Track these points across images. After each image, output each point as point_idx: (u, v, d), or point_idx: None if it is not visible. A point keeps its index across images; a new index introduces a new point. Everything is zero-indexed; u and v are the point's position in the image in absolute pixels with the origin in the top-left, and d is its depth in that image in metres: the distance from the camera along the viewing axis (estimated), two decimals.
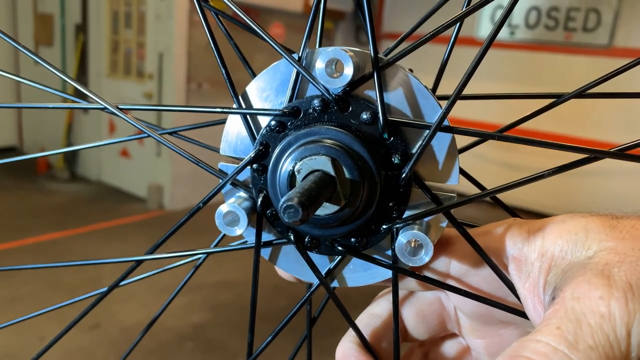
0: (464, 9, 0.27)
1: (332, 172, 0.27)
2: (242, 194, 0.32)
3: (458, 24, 0.29)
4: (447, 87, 0.30)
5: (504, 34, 5.12)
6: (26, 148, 5.46)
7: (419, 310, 0.35)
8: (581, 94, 0.32)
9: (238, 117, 0.31)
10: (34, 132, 5.31)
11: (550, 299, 0.25)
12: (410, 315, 0.35)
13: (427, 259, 0.28)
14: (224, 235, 0.39)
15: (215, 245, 0.38)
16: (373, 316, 0.34)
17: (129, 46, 4.38)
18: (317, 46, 0.31)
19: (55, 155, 4.60)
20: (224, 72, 0.30)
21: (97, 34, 4.52)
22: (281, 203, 0.23)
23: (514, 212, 0.35)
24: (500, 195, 0.34)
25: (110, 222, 3.96)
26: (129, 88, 4.39)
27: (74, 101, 0.36)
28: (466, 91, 0.30)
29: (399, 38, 0.37)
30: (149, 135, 0.33)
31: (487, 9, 5.16)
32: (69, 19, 4.73)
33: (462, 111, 3.93)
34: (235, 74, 0.30)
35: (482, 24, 5.16)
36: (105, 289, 0.37)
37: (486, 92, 0.36)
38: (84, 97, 0.34)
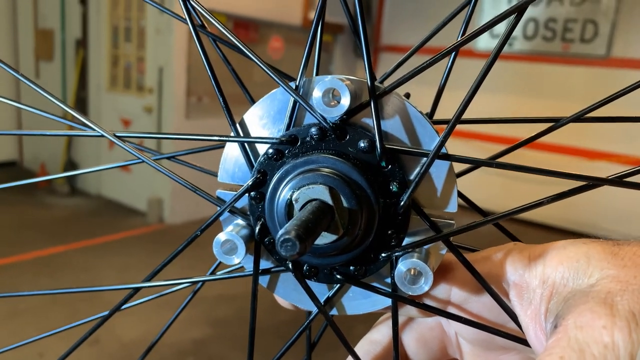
0: (459, 39, 0.27)
1: (330, 202, 0.27)
2: (240, 221, 0.32)
3: (453, 53, 0.29)
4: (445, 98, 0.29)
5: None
6: (26, 162, 5.47)
7: (420, 335, 0.34)
8: (579, 117, 0.32)
9: (236, 145, 0.31)
10: (34, 147, 5.32)
11: (552, 327, 0.25)
12: (411, 341, 0.34)
13: (426, 288, 0.28)
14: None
15: (213, 271, 0.38)
16: (373, 343, 0.34)
17: (128, 60, 4.41)
18: (314, 74, 0.31)
19: (55, 170, 4.58)
20: (221, 100, 0.30)
21: (97, 48, 4.54)
22: (278, 236, 0.23)
23: (515, 237, 0.35)
24: (503, 206, 0.34)
25: (111, 236, 3.95)
26: (128, 102, 4.40)
27: (72, 127, 0.36)
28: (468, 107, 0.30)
29: (395, 64, 0.37)
30: (145, 162, 0.33)
31: (485, 21, 5.18)
32: (69, 34, 4.76)
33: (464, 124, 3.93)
34: (233, 87, 0.30)
35: (481, 37, 5.19)
36: (106, 312, 0.37)
37: (484, 103, 0.36)
38: (84, 113, 0.34)
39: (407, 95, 0.33)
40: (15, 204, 4.39)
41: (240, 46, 0.30)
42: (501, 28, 5.14)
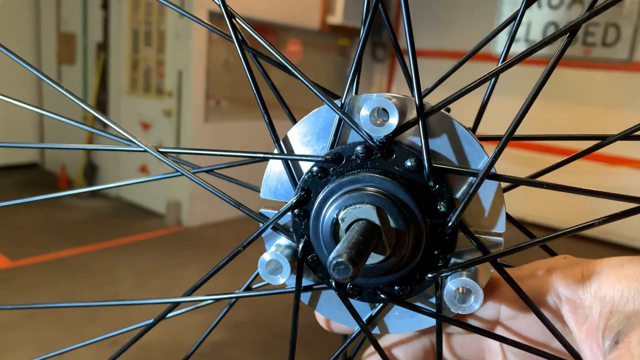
0: (499, 65, 0.27)
1: (377, 222, 0.27)
2: (281, 241, 0.32)
3: (493, 79, 0.29)
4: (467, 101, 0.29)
5: (521, 49, 5.10)
6: (47, 164, 5.55)
7: (460, 345, 0.34)
8: (628, 135, 0.31)
9: (278, 162, 0.31)
10: (55, 149, 5.40)
11: (613, 343, 0.26)
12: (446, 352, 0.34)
13: (477, 307, 0.28)
14: (257, 274, 0.39)
15: (249, 285, 0.37)
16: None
17: (148, 64, 4.46)
18: (353, 91, 0.31)
19: (75, 172, 4.64)
20: (266, 119, 0.30)
21: (118, 52, 4.61)
22: (330, 260, 0.23)
23: (555, 253, 0.34)
24: (546, 212, 0.33)
25: (129, 238, 4.00)
26: (148, 105, 4.45)
27: (114, 141, 0.36)
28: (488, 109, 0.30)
29: (438, 79, 0.37)
30: (185, 175, 0.33)
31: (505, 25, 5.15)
32: (90, 38, 4.83)
33: (482, 127, 3.91)
34: (250, 92, 0.30)
35: (499, 40, 5.14)
36: (150, 321, 0.37)
37: (503, 107, 0.35)
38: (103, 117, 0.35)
39: (448, 110, 0.33)
40: (36, 206, 4.46)
41: (285, 63, 0.30)
42: (521, 33, 5.09)
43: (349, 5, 4.98)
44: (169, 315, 0.36)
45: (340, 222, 0.27)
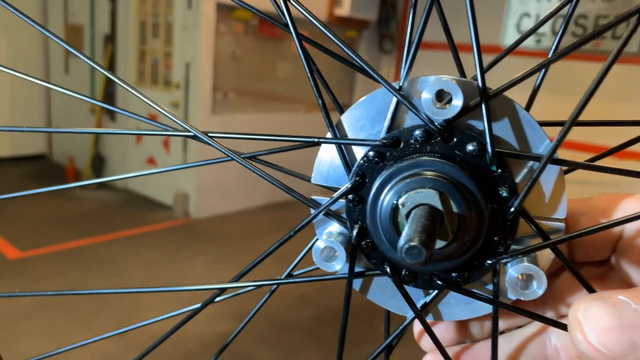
0: (550, 56, 0.27)
1: (440, 206, 0.26)
2: (333, 227, 0.31)
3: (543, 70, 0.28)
4: None
5: (530, 42, 5.06)
6: (55, 156, 5.57)
7: (515, 349, 0.33)
8: None
9: (330, 146, 0.31)
10: (63, 141, 5.42)
11: None
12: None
13: (541, 292, 0.27)
14: (300, 260, 0.38)
15: (291, 272, 0.37)
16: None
17: (156, 56, 4.45)
18: (403, 73, 0.30)
19: (83, 164, 4.65)
20: (320, 103, 0.30)
21: (125, 44, 4.60)
22: (402, 244, 0.22)
23: None
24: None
25: (137, 230, 4.01)
26: (156, 97, 4.45)
27: (156, 127, 0.36)
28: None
29: (497, 55, 0.36)
30: (235, 160, 0.32)
31: (513, 18, 5.11)
32: (98, 30, 4.83)
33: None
34: (259, 83, 0.29)
35: (508, 33, 5.11)
36: (195, 305, 0.37)
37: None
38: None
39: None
40: (44, 197, 4.47)
41: (341, 46, 0.30)
42: (528, 25, 5.05)
43: None
44: (218, 299, 0.36)
45: (400, 207, 0.27)
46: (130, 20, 4.53)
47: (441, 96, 0.27)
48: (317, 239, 0.32)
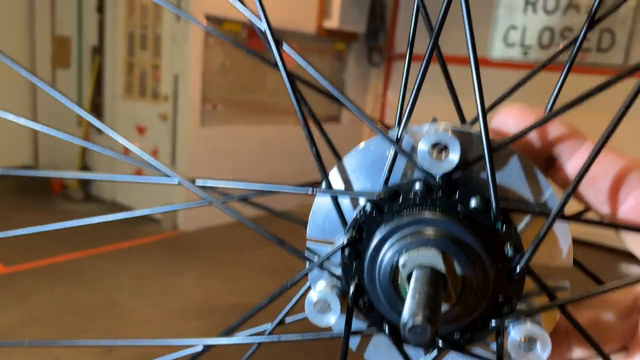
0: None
1: (442, 269, 0.25)
2: (329, 276, 0.30)
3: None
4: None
5: (516, 54, 5.11)
6: (42, 167, 5.49)
7: None
8: None
9: (326, 197, 0.29)
10: (50, 152, 5.35)
11: None
12: None
13: (545, 356, 0.26)
14: (294, 304, 0.36)
15: (282, 319, 0.35)
16: None
17: (144, 68, 4.42)
18: (401, 123, 0.29)
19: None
20: (314, 151, 0.28)
21: (113, 55, 4.56)
22: (405, 321, 0.21)
23: None
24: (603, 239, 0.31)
25: (125, 243, 3.95)
26: (144, 109, 4.41)
27: (142, 171, 0.34)
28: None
29: (499, 97, 0.35)
30: (214, 204, 0.31)
31: (500, 30, 5.16)
32: (85, 41, 4.79)
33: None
34: (248, 95, 0.28)
35: (495, 45, 5.15)
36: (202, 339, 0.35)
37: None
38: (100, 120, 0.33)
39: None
40: (31, 210, 4.41)
41: (334, 92, 0.28)
42: (515, 37, 5.10)
43: (345, 10, 4.96)
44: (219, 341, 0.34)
45: (400, 268, 0.25)
46: (118, 32, 4.50)
47: (439, 144, 0.26)
48: (310, 289, 0.30)
